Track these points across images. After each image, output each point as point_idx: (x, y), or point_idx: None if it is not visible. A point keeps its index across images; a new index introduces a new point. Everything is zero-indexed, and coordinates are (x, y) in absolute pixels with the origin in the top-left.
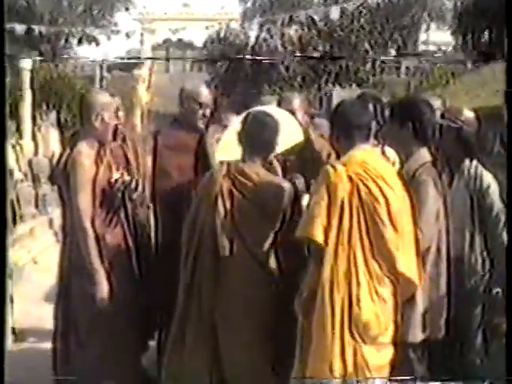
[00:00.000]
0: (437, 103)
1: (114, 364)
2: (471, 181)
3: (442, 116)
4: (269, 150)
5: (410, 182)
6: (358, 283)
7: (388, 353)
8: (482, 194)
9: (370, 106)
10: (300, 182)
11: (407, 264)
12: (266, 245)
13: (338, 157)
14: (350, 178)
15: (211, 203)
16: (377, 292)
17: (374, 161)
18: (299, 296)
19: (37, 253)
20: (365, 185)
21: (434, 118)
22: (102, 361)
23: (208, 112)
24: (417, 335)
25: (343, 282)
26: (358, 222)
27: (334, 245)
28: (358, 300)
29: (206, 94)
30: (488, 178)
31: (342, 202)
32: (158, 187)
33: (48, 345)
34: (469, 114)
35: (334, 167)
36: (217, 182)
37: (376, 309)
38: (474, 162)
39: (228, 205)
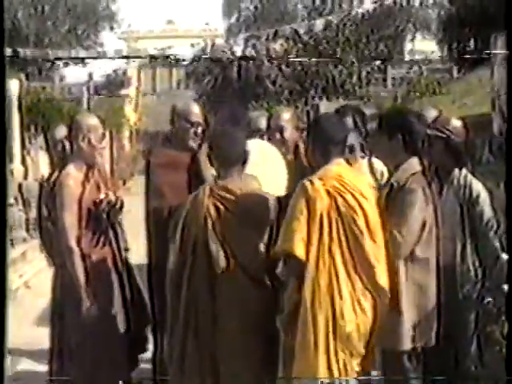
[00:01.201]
0: (433, 113)
1: (104, 380)
2: (461, 190)
3: (430, 126)
4: (242, 159)
5: (400, 192)
6: (341, 296)
7: (367, 363)
8: (472, 203)
9: (349, 120)
10: None
11: (385, 277)
12: (258, 259)
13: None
14: (328, 192)
15: (200, 225)
16: (360, 304)
17: (349, 174)
18: (280, 313)
19: (29, 276)
20: (342, 198)
21: (424, 129)
22: (92, 377)
23: (200, 130)
24: (406, 343)
25: (326, 297)
26: (338, 235)
27: (315, 259)
28: (342, 313)
29: (197, 112)
30: (478, 187)
31: (321, 216)
32: (151, 206)
33: (40, 368)
34: (457, 123)
35: (311, 182)
36: (203, 204)
37: (358, 321)
38: (464, 172)
39: (217, 223)
